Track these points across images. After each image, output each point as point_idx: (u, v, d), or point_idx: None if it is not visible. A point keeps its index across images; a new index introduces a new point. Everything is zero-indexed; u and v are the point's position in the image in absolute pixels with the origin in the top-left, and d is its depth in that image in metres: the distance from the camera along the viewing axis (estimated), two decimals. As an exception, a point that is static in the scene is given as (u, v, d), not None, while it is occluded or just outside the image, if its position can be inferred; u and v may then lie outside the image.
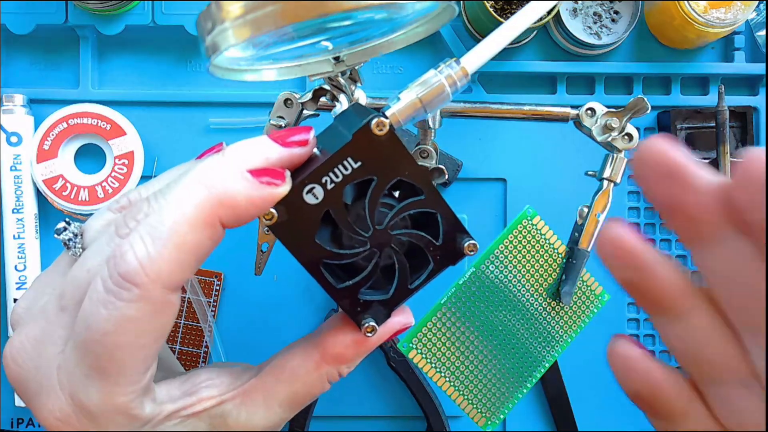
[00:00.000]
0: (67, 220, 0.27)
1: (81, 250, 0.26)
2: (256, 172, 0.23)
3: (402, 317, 0.27)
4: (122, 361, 0.23)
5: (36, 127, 0.42)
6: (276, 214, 0.24)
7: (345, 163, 0.24)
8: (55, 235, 0.26)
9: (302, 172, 0.24)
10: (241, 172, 0.23)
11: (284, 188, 0.24)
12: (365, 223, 0.25)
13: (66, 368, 0.24)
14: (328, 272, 0.25)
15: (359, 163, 0.24)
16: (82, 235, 0.26)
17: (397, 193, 0.26)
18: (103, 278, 0.22)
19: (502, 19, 0.39)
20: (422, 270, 0.26)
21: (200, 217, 0.22)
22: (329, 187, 0.24)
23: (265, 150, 0.24)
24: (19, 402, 0.43)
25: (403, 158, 0.24)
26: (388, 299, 0.26)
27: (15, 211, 0.42)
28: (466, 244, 0.26)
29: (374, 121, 0.23)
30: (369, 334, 0.26)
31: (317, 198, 0.24)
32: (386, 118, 0.24)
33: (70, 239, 0.26)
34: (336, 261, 0.25)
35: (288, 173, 0.24)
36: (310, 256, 0.25)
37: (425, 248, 0.26)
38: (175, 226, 0.22)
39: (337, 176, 0.24)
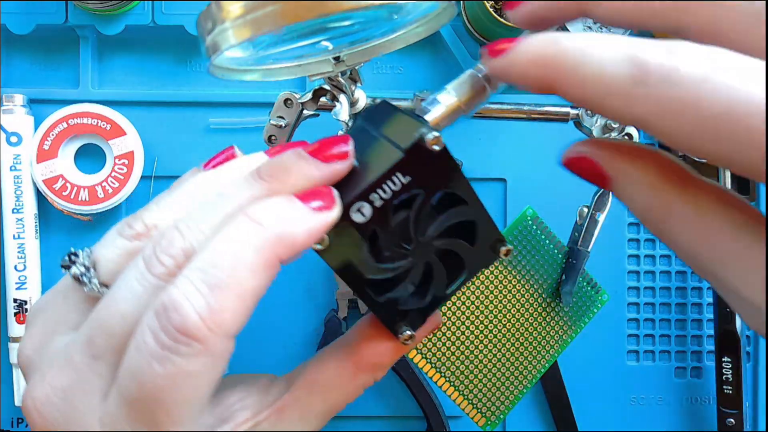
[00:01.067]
0: (73, 251, 0.24)
1: (99, 287, 0.23)
2: (305, 197, 0.22)
3: (433, 317, 0.26)
4: (179, 415, 0.21)
5: (36, 127, 0.42)
6: (327, 239, 0.22)
7: (394, 178, 0.22)
8: (63, 269, 0.24)
9: (347, 188, 0.23)
10: (293, 203, 0.21)
11: (337, 212, 0.22)
12: (408, 235, 0.24)
13: (112, 421, 0.22)
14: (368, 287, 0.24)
15: (409, 178, 0.22)
16: (94, 267, 0.23)
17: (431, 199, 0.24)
18: (153, 331, 0.20)
19: (502, 19, 0.39)
20: (455, 274, 0.25)
21: (261, 262, 0.21)
22: (377, 204, 0.22)
23: (307, 169, 0.22)
24: (19, 402, 0.43)
25: (453, 171, 0.23)
26: (425, 306, 0.25)
27: (15, 211, 0.42)
28: (502, 249, 0.26)
29: (430, 136, 0.22)
30: (407, 342, 0.25)
31: (365, 216, 0.22)
32: (437, 131, 0.22)
33: (82, 274, 0.23)
34: (380, 276, 0.24)
35: (336, 193, 0.22)
36: (357, 276, 0.23)
37: (462, 254, 0.25)
38: (235, 273, 0.20)
39: (385, 192, 0.22)
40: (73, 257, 0.24)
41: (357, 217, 0.22)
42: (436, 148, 0.22)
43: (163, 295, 0.20)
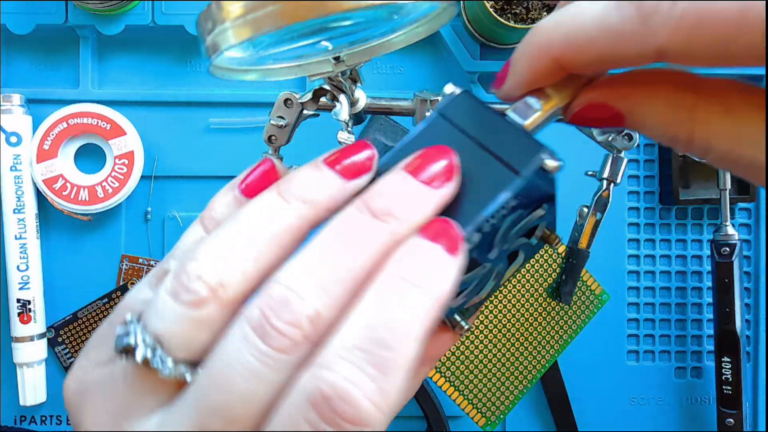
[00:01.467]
0: (122, 330, 0.20)
1: (176, 368, 0.19)
2: (437, 239, 0.19)
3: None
4: None
5: (36, 127, 0.42)
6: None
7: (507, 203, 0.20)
8: (122, 355, 0.20)
9: (453, 212, 0.20)
10: (441, 256, 0.19)
11: (464, 254, 0.20)
12: (492, 246, 0.22)
13: None
14: None
15: (517, 201, 0.21)
16: (161, 345, 0.19)
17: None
18: (312, 423, 0.18)
19: (502, 19, 0.39)
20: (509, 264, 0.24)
21: (426, 331, 0.18)
22: (486, 230, 0.20)
23: (421, 201, 0.20)
24: (23, 402, 0.43)
25: (552, 187, 0.22)
26: (482, 300, 0.24)
27: (16, 211, 0.42)
28: (555, 242, 0.25)
29: (553, 164, 0.21)
30: (462, 335, 0.24)
31: (472, 243, 0.20)
32: (558, 158, 0.21)
33: (152, 358, 0.19)
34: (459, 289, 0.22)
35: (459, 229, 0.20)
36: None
37: (522, 249, 0.24)
38: (404, 349, 0.18)
39: (494, 217, 0.20)
40: (127, 339, 0.19)
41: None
42: (553, 172, 0.21)
43: (315, 382, 0.18)
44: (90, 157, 0.44)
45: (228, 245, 0.20)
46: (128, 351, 0.19)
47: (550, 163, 0.20)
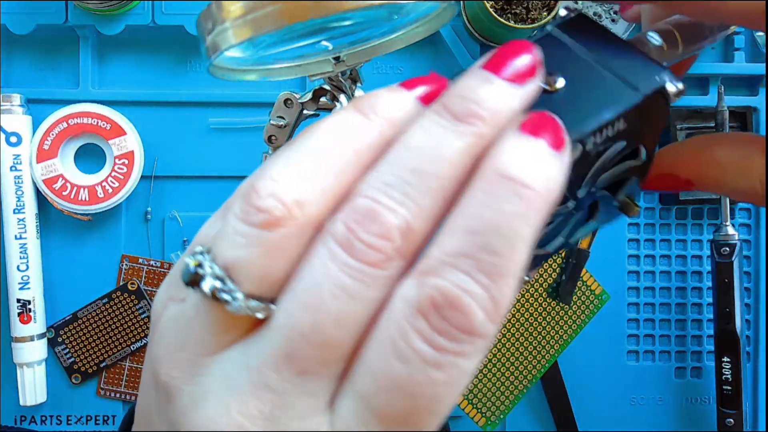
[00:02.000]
0: (192, 260, 0.18)
1: (247, 303, 0.18)
2: (537, 133, 0.18)
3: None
4: (440, 421, 0.18)
5: (36, 127, 0.42)
6: None
7: (616, 122, 0.19)
8: (190, 286, 0.18)
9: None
10: (546, 150, 0.18)
11: (569, 152, 0.18)
12: (581, 183, 0.20)
13: None
14: None
15: (625, 126, 0.19)
16: (230, 276, 0.18)
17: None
18: (424, 334, 0.17)
19: (502, 19, 0.39)
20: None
21: (536, 233, 0.17)
22: (589, 148, 0.19)
23: (504, 99, 0.18)
24: (23, 402, 0.43)
25: (662, 122, 0.20)
26: (548, 255, 0.22)
27: (16, 211, 0.42)
28: (632, 213, 0.24)
29: (675, 87, 0.19)
30: (523, 286, 0.24)
31: (574, 155, 0.19)
32: (681, 82, 0.19)
33: (221, 289, 0.18)
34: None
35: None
36: None
37: (601, 208, 0.23)
38: (515, 255, 0.17)
39: (601, 136, 0.19)
40: (198, 269, 0.18)
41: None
42: (674, 99, 0.19)
43: (423, 289, 0.17)
44: (90, 157, 0.44)
45: (306, 160, 0.18)
46: (195, 282, 0.18)
47: (671, 87, 0.19)
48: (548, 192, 0.17)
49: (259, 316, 0.18)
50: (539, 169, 0.17)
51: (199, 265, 0.18)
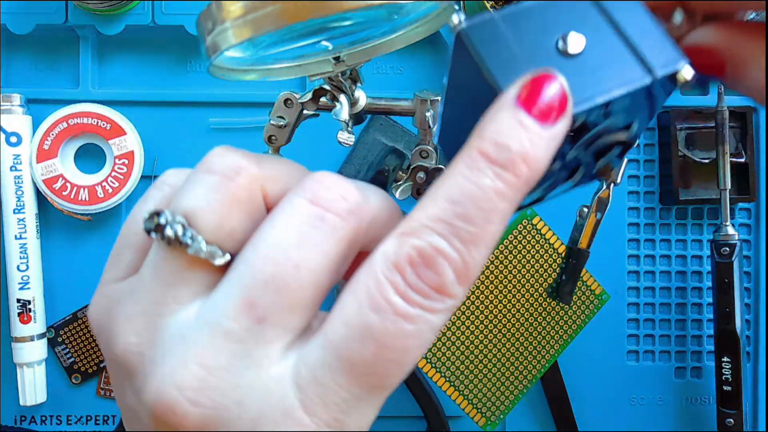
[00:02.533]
0: (152, 210, 0.19)
1: (207, 246, 0.19)
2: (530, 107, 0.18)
3: None
4: (404, 374, 0.19)
5: (36, 127, 0.42)
6: None
7: (621, 99, 0.19)
8: (150, 233, 0.19)
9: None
10: (529, 122, 0.18)
11: (569, 119, 0.19)
12: (573, 144, 0.21)
13: (322, 393, 0.18)
14: None
15: (629, 102, 0.19)
16: (190, 223, 0.19)
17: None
18: (398, 288, 0.18)
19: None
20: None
21: (513, 208, 0.19)
22: (591, 118, 0.19)
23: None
24: (23, 401, 0.43)
25: (663, 101, 0.21)
26: (522, 207, 0.23)
27: (16, 211, 0.42)
28: (610, 179, 0.24)
29: (687, 75, 0.19)
30: None
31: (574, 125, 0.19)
32: (692, 71, 0.19)
33: (183, 234, 0.19)
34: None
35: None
36: None
37: (582, 171, 0.23)
38: (488, 226, 0.18)
39: (600, 109, 0.19)
40: (157, 218, 0.19)
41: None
42: (685, 88, 0.20)
43: (401, 247, 0.18)
44: (90, 157, 0.44)
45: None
46: (156, 230, 0.19)
47: (686, 74, 0.19)
48: (530, 175, 0.18)
49: (218, 262, 0.19)
50: (525, 150, 0.18)
51: (159, 214, 0.19)
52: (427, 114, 0.33)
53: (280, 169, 0.21)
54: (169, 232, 0.19)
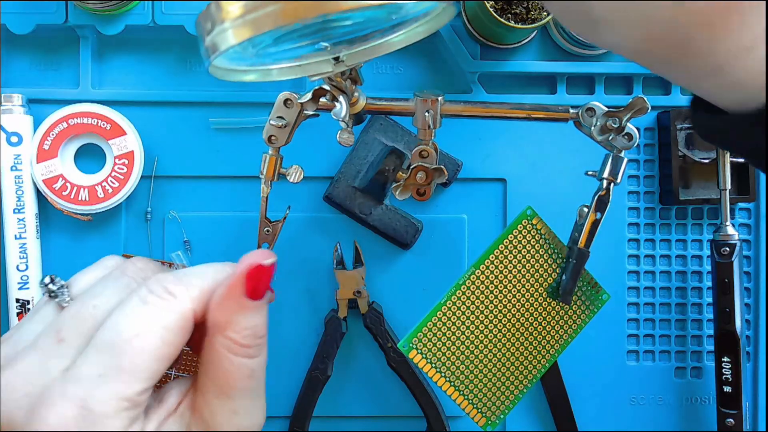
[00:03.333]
0: (51, 276, 0.28)
1: (70, 299, 0.28)
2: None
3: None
4: (141, 364, 0.25)
5: (36, 127, 0.42)
6: None
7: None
8: (41, 288, 0.28)
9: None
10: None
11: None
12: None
13: (77, 379, 0.25)
14: None
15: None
16: (68, 287, 0.28)
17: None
18: (140, 294, 0.26)
19: (502, 19, 0.39)
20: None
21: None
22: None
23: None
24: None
25: None
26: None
27: (16, 211, 0.42)
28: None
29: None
30: None
31: None
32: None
33: (59, 289, 0.28)
34: None
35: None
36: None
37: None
38: (205, 281, 0.27)
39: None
40: (51, 278, 0.28)
41: None
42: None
43: (149, 277, 0.28)
44: (90, 157, 0.44)
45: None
46: (47, 284, 0.28)
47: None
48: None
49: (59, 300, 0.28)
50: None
51: (55, 278, 0.28)
52: (427, 114, 0.33)
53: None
54: (51, 287, 0.28)
